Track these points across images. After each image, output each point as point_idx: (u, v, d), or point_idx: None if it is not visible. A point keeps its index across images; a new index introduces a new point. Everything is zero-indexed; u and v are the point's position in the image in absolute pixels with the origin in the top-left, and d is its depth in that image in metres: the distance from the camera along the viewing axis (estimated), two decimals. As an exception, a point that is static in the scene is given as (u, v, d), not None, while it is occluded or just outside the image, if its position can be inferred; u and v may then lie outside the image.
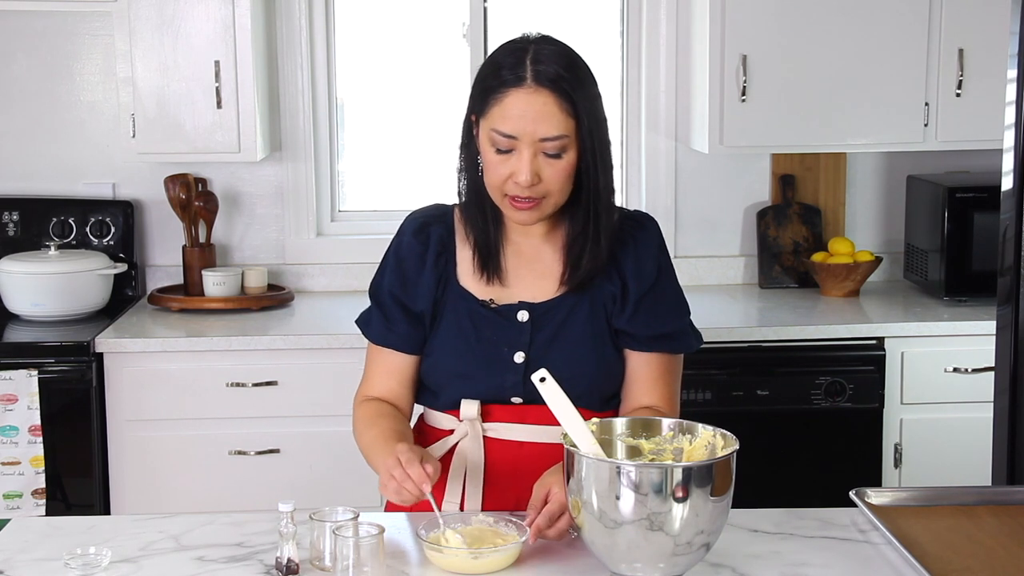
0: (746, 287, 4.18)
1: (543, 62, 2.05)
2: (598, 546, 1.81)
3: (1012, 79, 2.35)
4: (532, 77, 2.04)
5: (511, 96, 2.04)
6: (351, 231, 4.21)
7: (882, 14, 3.75)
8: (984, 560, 1.88)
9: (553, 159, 2.06)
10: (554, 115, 2.04)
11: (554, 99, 2.04)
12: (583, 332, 2.17)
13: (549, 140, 2.04)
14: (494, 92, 2.06)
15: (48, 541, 2.04)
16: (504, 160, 2.06)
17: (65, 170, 4.07)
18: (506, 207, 2.11)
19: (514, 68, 2.05)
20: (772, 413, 3.58)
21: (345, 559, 1.80)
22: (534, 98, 2.03)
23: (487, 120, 2.08)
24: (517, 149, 2.05)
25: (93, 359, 3.50)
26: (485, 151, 2.09)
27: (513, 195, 2.08)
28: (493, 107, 2.06)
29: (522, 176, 2.04)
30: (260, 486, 3.56)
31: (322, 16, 4.11)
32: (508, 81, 2.05)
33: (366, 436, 2.17)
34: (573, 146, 2.07)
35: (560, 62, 2.06)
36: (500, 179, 2.07)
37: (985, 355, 2.96)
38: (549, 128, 2.04)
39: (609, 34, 4.19)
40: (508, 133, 2.04)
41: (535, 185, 2.06)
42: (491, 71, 2.09)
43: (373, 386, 2.25)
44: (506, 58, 2.08)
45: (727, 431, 1.88)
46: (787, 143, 3.86)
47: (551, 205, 2.10)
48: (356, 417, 2.23)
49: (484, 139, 2.09)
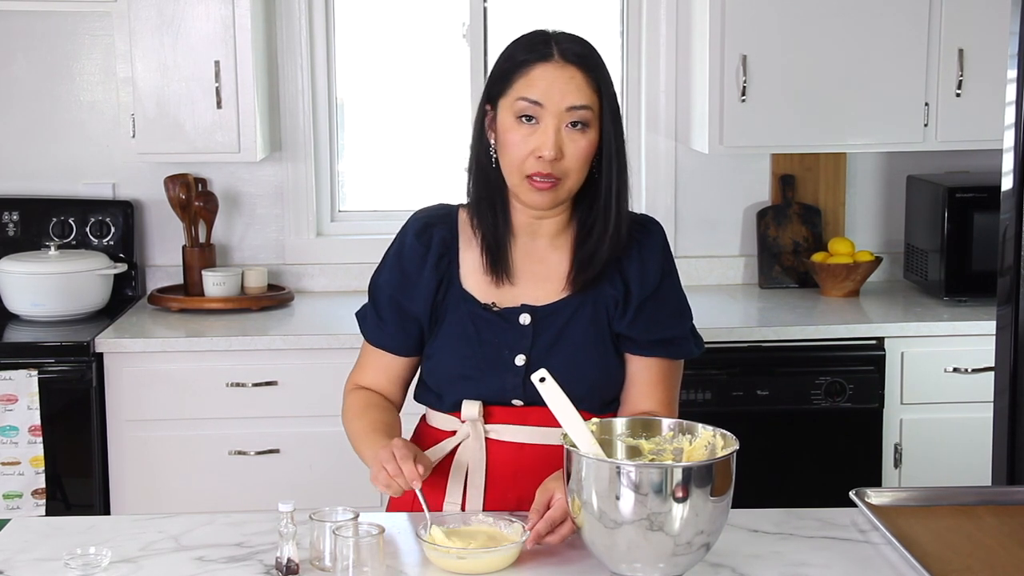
0: (746, 287, 4.18)
1: (567, 43, 2.09)
2: (598, 546, 1.82)
3: (1012, 79, 2.35)
4: (559, 53, 2.08)
5: (538, 69, 2.07)
6: (351, 231, 4.21)
7: (882, 14, 3.75)
8: (984, 560, 1.88)
9: (576, 133, 2.06)
10: (581, 87, 2.07)
11: (581, 74, 2.07)
12: (585, 335, 2.16)
13: (575, 109, 2.06)
14: (518, 69, 2.08)
15: (48, 541, 2.04)
16: (528, 134, 2.06)
17: (65, 170, 4.07)
18: (524, 190, 2.10)
19: (539, 47, 2.09)
20: (772, 413, 3.58)
21: (345, 559, 1.80)
22: (561, 71, 2.07)
23: (511, 93, 2.08)
24: (542, 121, 2.06)
25: (93, 359, 3.50)
26: (506, 129, 2.09)
27: (534, 172, 2.07)
28: (518, 80, 2.08)
29: (547, 149, 2.04)
30: (260, 486, 3.56)
31: (322, 16, 4.11)
32: (534, 57, 2.08)
33: (355, 424, 2.19)
34: (595, 125, 2.08)
35: (584, 46, 2.11)
36: (522, 156, 2.07)
37: (985, 355, 2.96)
38: (577, 96, 2.06)
39: (609, 34, 4.19)
40: (535, 99, 2.05)
41: (558, 161, 2.06)
42: (513, 53, 2.11)
43: (364, 377, 2.28)
44: (528, 42, 2.11)
45: (727, 431, 1.89)
46: (787, 143, 3.86)
47: (567, 190, 2.10)
48: (347, 404, 2.25)
49: (505, 116, 2.09)
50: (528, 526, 1.94)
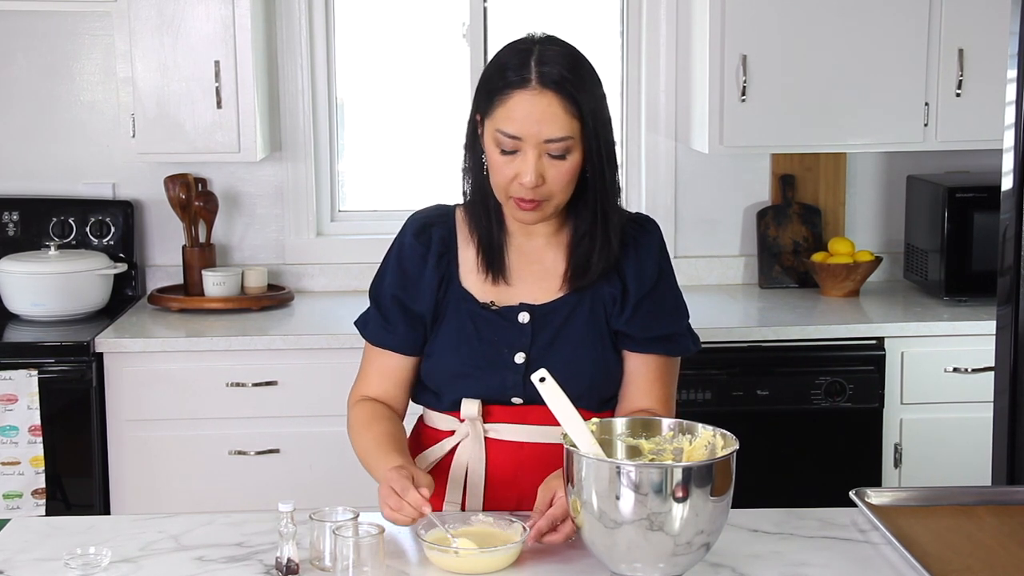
0: (746, 287, 4.18)
1: (547, 63, 2.05)
2: (598, 546, 1.82)
3: (1012, 79, 2.35)
4: (537, 79, 2.04)
5: (515, 98, 2.04)
6: (351, 231, 4.21)
7: (882, 14, 3.75)
8: (984, 560, 1.88)
9: (557, 160, 2.06)
10: (558, 117, 2.04)
11: (559, 100, 2.04)
12: (583, 334, 2.17)
13: (553, 141, 2.04)
14: (499, 93, 2.06)
15: (48, 541, 2.04)
16: (509, 161, 2.06)
17: (65, 170, 4.07)
18: (510, 207, 2.12)
19: (519, 70, 2.05)
20: (772, 413, 3.57)
21: (345, 559, 1.80)
22: (538, 100, 2.03)
23: (492, 121, 2.08)
24: (522, 150, 2.05)
25: (93, 359, 3.50)
26: (490, 152, 2.09)
27: (518, 196, 2.08)
28: (498, 108, 2.06)
29: (527, 177, 2.04)
30: (260, 486, 3.56)
31: (322, 16, 4.11)
32: (513, 83, 2.05)
33: (362, 440, 2.18)
34: (578, 147, 2.07)
35: (565, 63, 2.06)
36: (505, 180, 2.08)
37: (985, 355, 2.96)
38: (553, 130, 2.04)
39: (609, 34, 4.19)
40: (513, 134, 2.05)
41: (539, 187, 2.06)
42: (496, 72, 2.09)
43: (368, 386, 2.26)
44: (511, 59, 2.08)
45: (727, 431, 1.89)
46: (787, 143, 3.86)
47: (553, 207, 2.11)
48: (351, 418, 2.23)
49: (489, 140, 2.09)
50: (529, 524, 1.94)
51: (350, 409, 2.25)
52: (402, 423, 2.24)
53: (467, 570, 1.89)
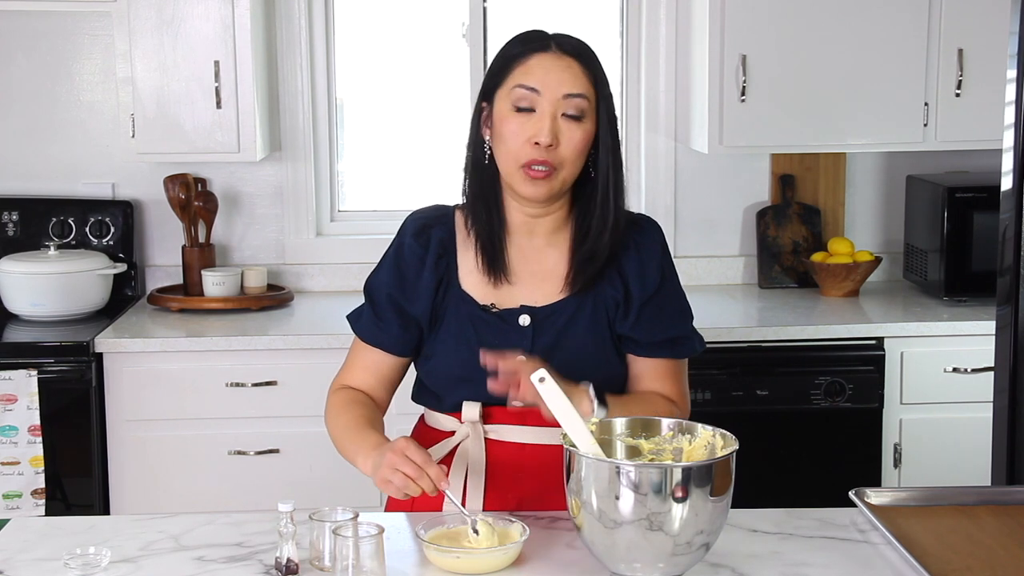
0: (746, 287, 4.18)
1: (564, 38, 2.13)
2: (598, 546, 1.81)
3: (1012, 79, 2.35)
4: (556, 45, 2.11)
5: (535, 57, 2.10)
6: (351, 231, 4.21)
7: (882, 14, 3.75)
8: (984, 560, 1.88)
9: (572, 122, 2.08)
10: (578, 76, 2.09)
11: (578, 64, 2.10)
12: (585, 336, 2.16)
13: (572, 97, 2.07)
14: (516, 59, 2.11)
15: (48, 541, 2.04)
16: (524, 122, 2.07)
17: (65, 170, 4.07)
18: (519, 180, 2.10)
19: (537, 40, 2.12)
20: (772, 413, 3.58)
21: (345, 559, 1.80)
22: (559, 60, 2.09)
23: (508, 83, 2.10)
24: (538, 108, 2.07)
25: (93, 359, 3.50)
26: (503, 119, 2.10)
27: (530, 161, 2.07)
28: (515, 70, 2.10)
29: (543, 135, 2.05)
30: (260, 486, 3.56)
31: (322, 16, 4.11)
32: (533, 48, 2.10)
33: (339, 420, 2.17)
34: (591, 117, 2.10)
35: (582, 43, 2.14)
36: (518, 144, 2.08)
37: (985, 355, 2.96)
38: (573, 84, 2.08)
39: (609, 34, 4.19)
40: (532, 86, 2.07)
41: (553, 148, 2.06)
42: (513, 43, 2.14)
43: (351, 378, 2.25)
44: (526, 38, 2.14)
45: (727, 431, 1.88)
46: (786, 143, 3.86)
47: (561, 181, 2.10)
48: (329, 404, 2.23)
49: (502, 106, 2.10)
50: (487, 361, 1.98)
51: (329, 396, 2.24)
52: (381, 415, 2.21)
53: (467, 570, 1.88)
